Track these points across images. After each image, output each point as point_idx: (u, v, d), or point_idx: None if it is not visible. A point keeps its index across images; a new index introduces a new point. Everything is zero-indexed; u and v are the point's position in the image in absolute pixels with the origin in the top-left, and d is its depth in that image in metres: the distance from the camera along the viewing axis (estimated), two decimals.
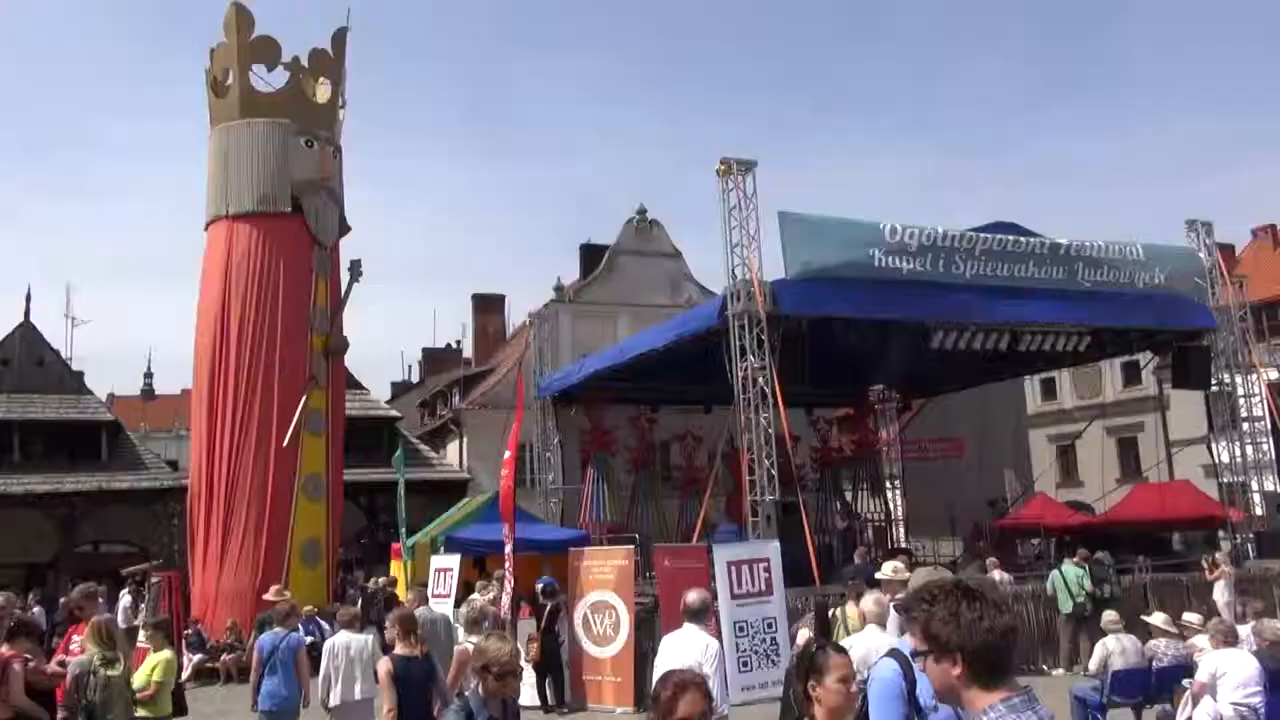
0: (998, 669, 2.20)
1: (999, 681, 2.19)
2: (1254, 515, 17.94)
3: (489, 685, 4.09)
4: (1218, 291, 18.11)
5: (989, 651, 2.18)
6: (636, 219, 31.33)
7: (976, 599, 2.23)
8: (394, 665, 6.20)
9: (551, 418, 22.69)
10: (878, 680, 3.54)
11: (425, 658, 6.41)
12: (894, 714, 3.43)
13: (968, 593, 2.25)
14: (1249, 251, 38.12)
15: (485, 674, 4.09)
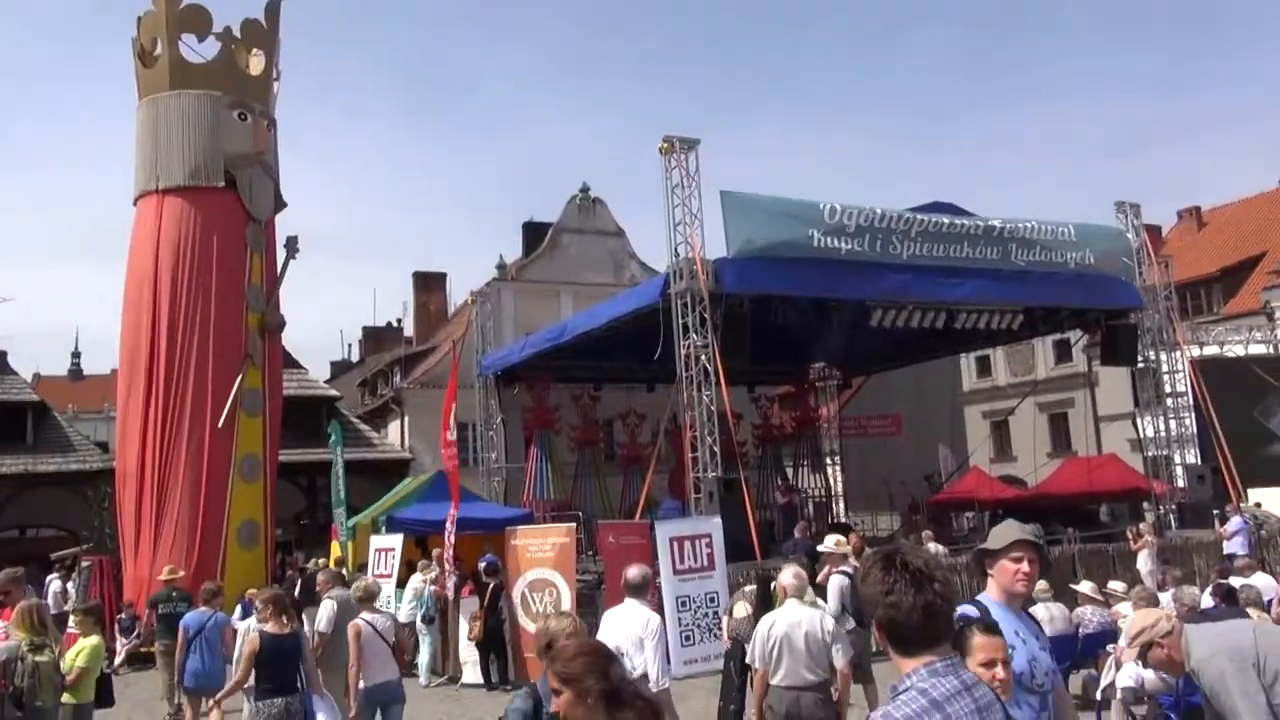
0: (912, 640, 2.25)
1: (918, 650, 2.25)
2: (1176, 487, 18.62)
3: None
4: (1144, 271, 18.68)
5: (896, 625, 2.25)
6: (579, 197, 31.15)
7: (891, 570, 2.27)
8: (260, 642, 6.54)
9: (494, 396, 22.58)
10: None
11: (292, 635, 6.72)
12: None
13: (889, 566, 2.29)
14: (1174, 233, 39.28)
15: (550, 652, 3.61)
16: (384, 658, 7.22)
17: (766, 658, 5.74)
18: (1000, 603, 3.46)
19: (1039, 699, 3.35)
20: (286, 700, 6.47)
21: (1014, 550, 3.43)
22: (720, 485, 14.32)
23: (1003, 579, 3.46)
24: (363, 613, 7.39)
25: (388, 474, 24.89)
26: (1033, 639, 3.46)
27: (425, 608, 13.00)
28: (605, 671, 2.65)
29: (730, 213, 14.63)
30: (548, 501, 20.78)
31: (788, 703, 5.67)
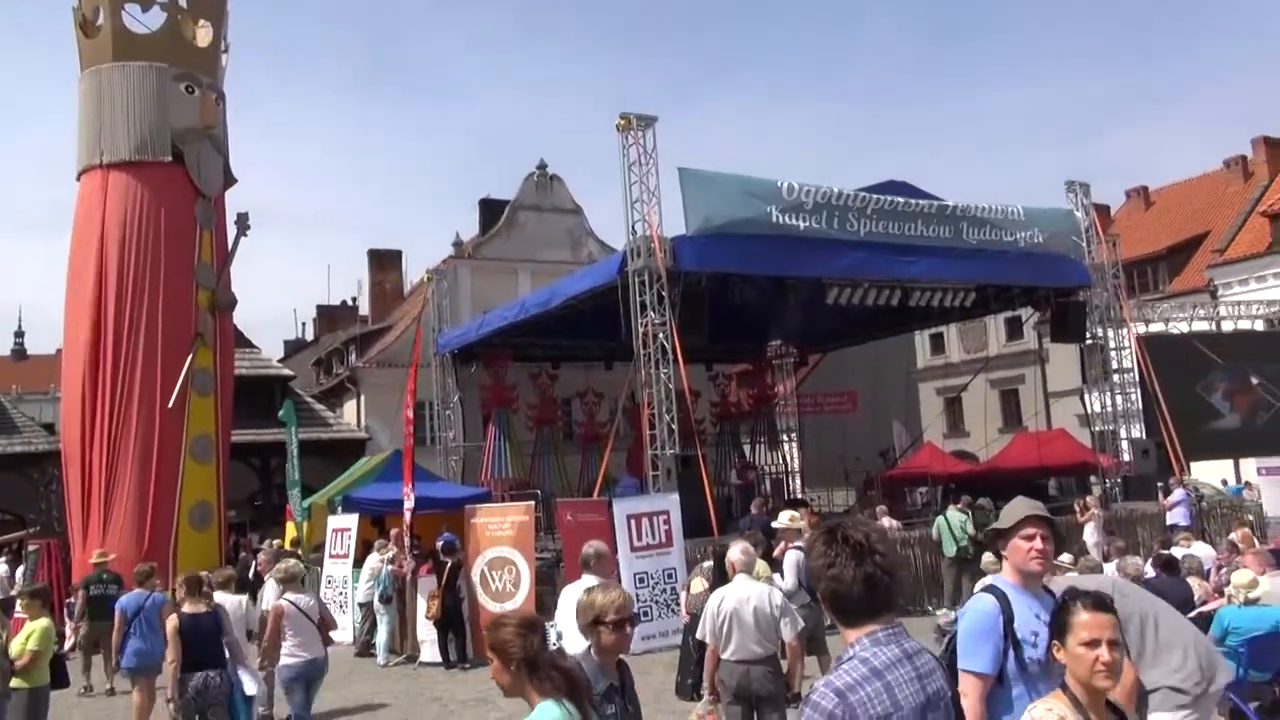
0: (854, 610, 2.32)
1: (860, 620, 2.31)
2: (1122, 461, 19.07)
3: (604, 640, 3.47)
4: (1093, 250, 19.02)
5: (839, 597, 2.31)
6: (536, 174, 30.93)
7: (833, 544, 2.33)
8: (180, 621, 6.91)
9: (451, 375, 22.44)
10: (970, 613, 3.27)
11: (211, 613, 7.16)
12: (985, 650, 3.16)
13: (831, 540, 2.35)
14: (1122, 212, 40.03)
15: (598, 628, 3.49)
16: (309, 635, 7.43)
17: (717, 633, 5.80)
18: (1016, 585, 3.30)
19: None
20: (207, 674, 6.87)
21: (1024, 528, 3.28)
22: (678, 462, 14.39)
23: (1016, 558, 3.31)
24: (286, 593, 7.58)
25: (344, 454, 24.68)
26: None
27: (383, 587, 12.95)
28: (528, 641, 2.92)
29: (688, 190, 14.63)
30: (506, 480, 20.75)
31: (738, 676, 5.75)
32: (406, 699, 10.57)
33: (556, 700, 2.85)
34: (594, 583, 6.21)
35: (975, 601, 3.35)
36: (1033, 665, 3.14)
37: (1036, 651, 3.13)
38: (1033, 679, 3.12)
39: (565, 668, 2.99)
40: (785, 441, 26.62)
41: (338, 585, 15.02)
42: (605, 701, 3.30)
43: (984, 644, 3.17)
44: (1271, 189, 33.11)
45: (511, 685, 2.95)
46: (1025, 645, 3.16)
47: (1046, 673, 3.09)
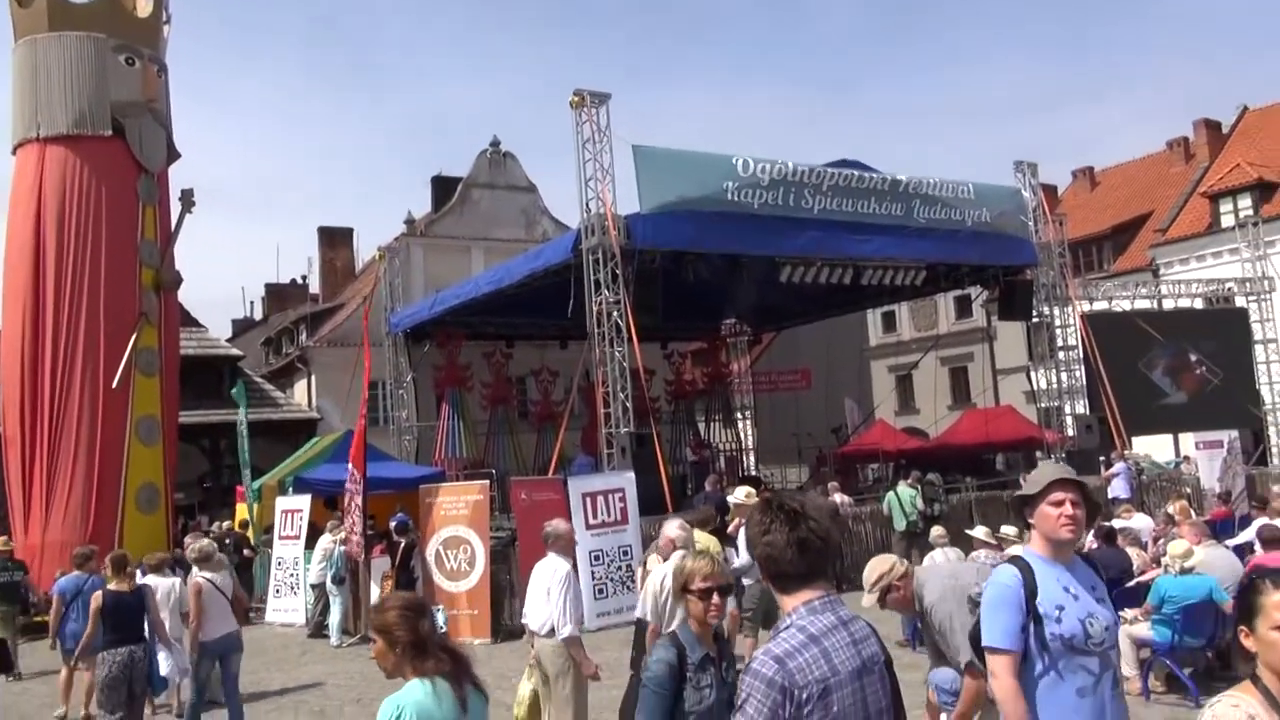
0: (789, 575, 2.36)
1: (798, 586, 2.36)
2: (1066, 436, 19.50)
3: (695, 608, 3.36)
4: (1040, 229, 19.33)
5: (775, 562, 2.35)
6: (490, 151, 30.62)
7: (769, 513, 2.37)
8: (104, 599, 7.17)
9: (404, 354, 22.24)
10: (993, 586, 3.11)
11: (135, 592, 7.39)
12: (1007, 622, 3.00)
13: (767, 508, 2.40)
14: (1069, 192, 40.73)
15: (687, 596, 3.37)
16: (223, 612, 7.75)
17: (660, 610, 5.84)
18: (1044, 555, 3.10)
19: (1098, 660, 2.99)
20: (130, 649, 7.14)
21: (1053, 492, 3.06)
22: (633, 441, 14.44)
23: (1045, 526, 3.09)
24: (202, 571, 7.83)
25: (295, 434, 24.37)
26: (1086, 592, 3.06)
27: (335, 568, 12.85)
28: (414, 625, 2.91)
29: (642, 168, 14.60)
30: (460, 460, 20.67)
31: None
32: (361, 679, 10.52)
33: (427, 679, 2.86)
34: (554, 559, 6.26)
35: (996, 573, 3.18)
36: (1054, 642, 2.96)
37: (1060, 627, 2.96)
38: (1055, 657, 2.95)
39: (452, 649, 3.00)
40: (740, 419, 26.84)
41: (288, 567, 14.88)
42: (699, 671, 3.24)
43: (1003, 618, 3.01)
44: (1211, 170, 33.89)
45: (394, 668, 2.94)
46: (1047, 620, 2.97)
47: (1072, 650, 2.95)
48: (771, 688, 2.15)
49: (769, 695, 2.15)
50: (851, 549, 15.12)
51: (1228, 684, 2.64)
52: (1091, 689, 2.97)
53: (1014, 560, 3.17)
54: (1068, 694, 2.96)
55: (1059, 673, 2.95)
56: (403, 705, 2.81)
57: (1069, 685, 2.96)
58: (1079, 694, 2.96)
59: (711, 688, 3.22)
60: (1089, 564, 3.23)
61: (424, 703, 2.82)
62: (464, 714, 2.87)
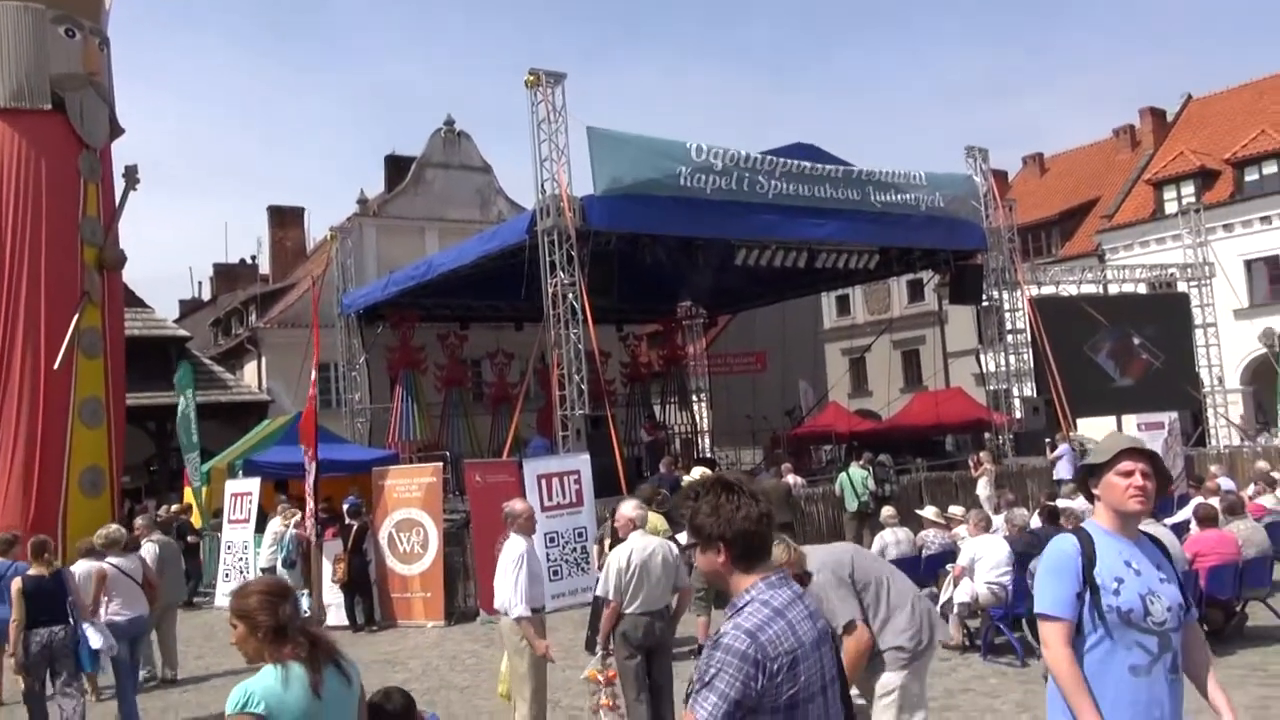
0: (756, 553, 2.40)
1: (757, 564, 2.40)
2: (1014, 418, 19.90)
3: None
4: (990, 214, 19.63)
5: (746, 538, 2.37)
6: (444, 130, 30.26)
7: (734, 491, 2.41)
8: (25, 583, 7.31)
9: (356, 336, 21.99)
10: (1049, 552, 3.01)
11: (54, 576, 7.52)
12: (1060, 589, 2.90)
13: (727, 487, 2.43)
14: (1019, 177, 41.39)
15: None
16: (133, 596, 8.07)
17: (623, 588, 5.89)
18: (1108, 529, 2.98)
19: (1157, 640, 2.86)
20: (50, 630, 7.27)
21: (1121, 462, 2.93)
22: (588, 423, 14.46)
23: (1112, 497, 2.97)
24: (109, 556, 8.07)
25: (244, 416, 24.01)
26: (1151, 569, 2.93)
27: (286, 551, 12.72)
28: (275, 609, 2.91)
29: (598, 150, 14.55)
30: (414, 442, 20.52)
31: (643, 628, 5.87)
32: None
33: (281, 664, 2.87)
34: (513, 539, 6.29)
35: (1056, 541, 3.06)
36: (1111, 614, 2.84)
37: (1118, 599, 2.84)
38: (1110, 629, 2.84)
39: (313, 634, 2.99)
40: (695, 401, 26.97)
41: (238, 551, 14.71)
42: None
43: (1055, 584, 2.92)
44: (1156, 158, 34.64)
45: (254, 653, 2.95)
46: (1104, 591, 2.85)
47: (1128, 624, 2.84)
48: (745, 661, 2.18)
49: (742, 669, 2.17)
50: (804, 529, 15.31)
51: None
52: (1146, 669, 2.84)
53: (1075, 530, 3.05)
54: (1120, 670, 2.85)
55: (1112, 647, 2.85)
56: (251, 691, 2.82)
57: (1122, 661, 2.85)
58: (1132, 672, 2.84)
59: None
60: (1155, 542, 3.07)
61: (273, 688, 2.82)
62: (317, 699, 2.85)
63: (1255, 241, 29.69)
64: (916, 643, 4.52)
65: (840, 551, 4.86)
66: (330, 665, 2.95)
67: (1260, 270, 29.89)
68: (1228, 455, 20.21)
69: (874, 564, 4.88)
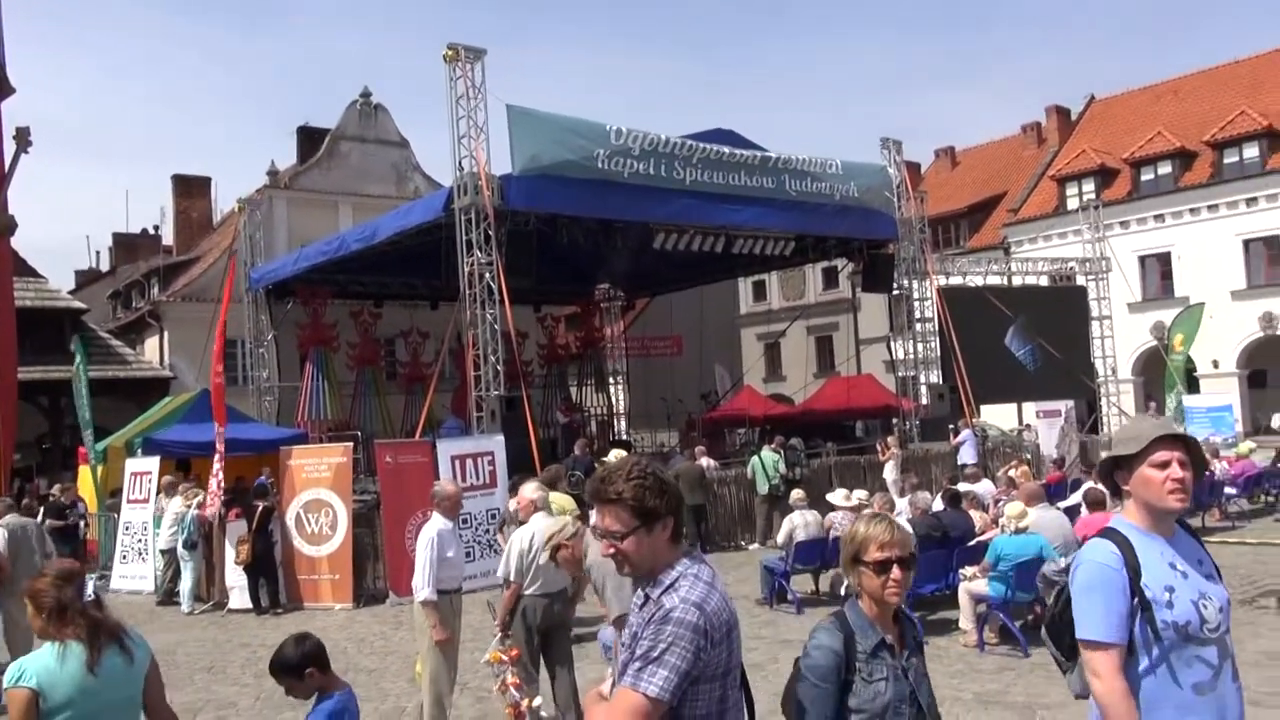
0: (682, 527, 2.46)
1: (679, 539, 2.44)
2: (920, 404, 20.47)
3: (869, 584, 2.69)
4: (903, 205, 20.08)
5: (678, 514, 2.42)
6: (360, 103, 29.55)
7: (666, 476, 2.46)
8: None
9: (265, 311, 21.34)
10: (1087, 566, 2.58)
11: None
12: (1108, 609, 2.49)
13: (654, 466, 2.48)
14: (931, 170, 42.45)
15: (859, 569, 2.71)
16: None
17: (524, 570, 5.90)
18: (1142, 527, 2.62)
19: (1216, 648, 2.52)
20: None
21: (1157, 452, 2.58)
22: (503, 404, 14.36)
23: (1148, 492, 2.59)
24: None
25: (145, 393, 23.18)
26: (1194, 567, 2.58)
27: (187, 532, 12.35)
28: (59, 591, 3.14)
29: (517, 128, 14.39)
30: (324, 422, 20.08)
31: (542, 609, 5.90)
32: (214, 647, 10.20)
33: (60, 642, 3.06)
34: (435, 517, 6.22)
35: (1090, 549, 2.62)
36: (1167, 631, 2.46)
37: (1173, 613, 2.47)
38: (1168, 649, 2.46)
39: (93, 616, 3.15)
40: (612, 384, 27.02)
41: (136, 531, 14.21)
42: (872, 660, 2.63)
43: (1102, 604, 2.50)
44: (1060, 155, 35.92)
45: (40, 631, 3.14)
46: (1157, 605, 2.47)
47: (1187, 639, 2.47)
48: (697, 633, 2.21)
49: (694, 640, 2.20)
50: (716, 511, 15.53)
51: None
52: (1210, 684, 2.48)
53: (1107, 534, 2.63)
54: (1184, 693, 2.47)
55: (1172, 668, 2.46)
56: (25, 666, 3.02)
57: (1185, 682, 2.47)
58: (1196, 690, 2.47)
59: (887, 680, 2.63)
60: (1194, 537, 2.72)
61: (48, 664, 3.01)
62: (92, 675, 3.02)
63: (1149, 238, 31.09)
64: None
65: None
66: (113, 644, 3.12)
67: (1153, 266, 31.34)
68: None
69: None
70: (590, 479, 2.59)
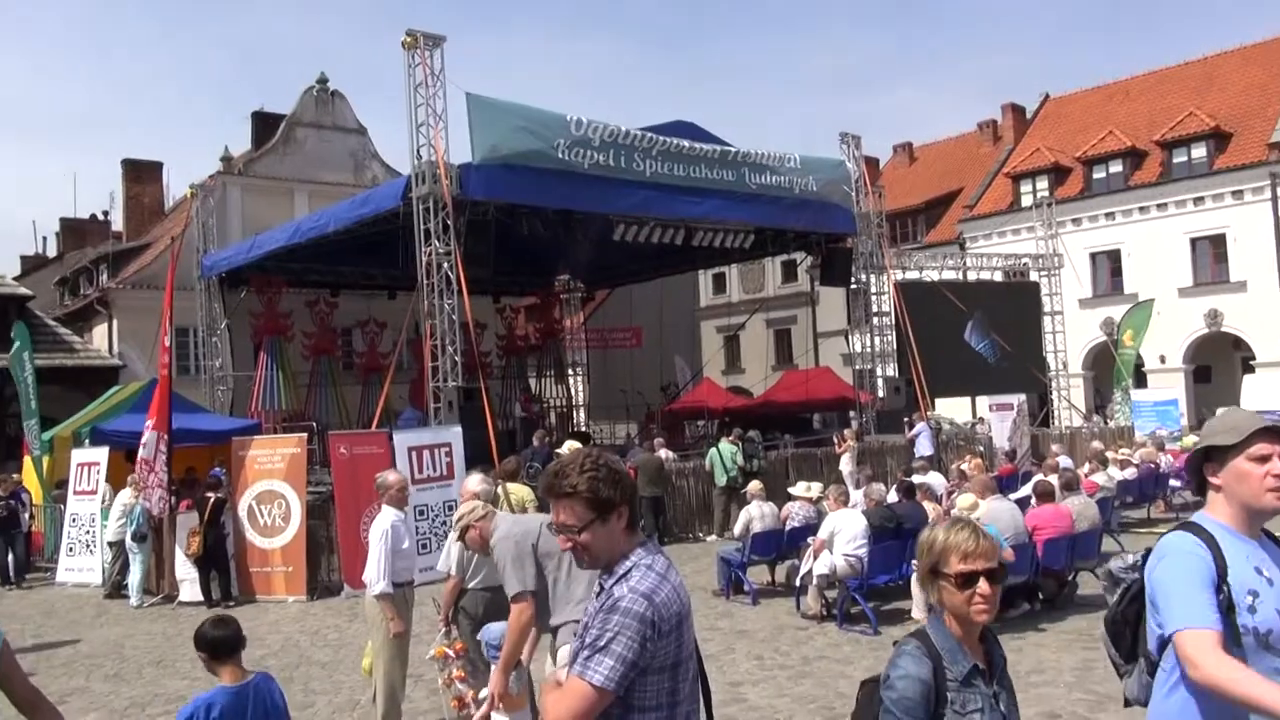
0: (637, 517, 2.46)
1: (636, 528, 2.44)
2: (877, 397, 20.70)
3: (952, 600, 2.34)
4: (861, 200, 20.26)
5: (635, 501, 2.44)
6: (316, 88, 29.09)
7: (613, 460, 2.46)
8: None
9: (218, 300, 20.99)
10: (1174, 555, 2.39)
11: None
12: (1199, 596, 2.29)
13: (607, 457, 2.48)
14: (889, 165, 42.84)
15: (940, 583, 2.36)
16: None
17: (465, 563, 5.86)
18: (1232, 527, 2.41)
19: None
20: None
21: (1256, 444, 2.38)
22: (460, 395, 14.27)
23: (1245, 489, 2.39)
24: None
25: (93, 382, 22.66)
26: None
27: (136, 524, 12.12)
28: None
29: (476, 117, 14.29)
30: (279, 412, 19.83)
31: (484, 603, 5.84)
32: (163, 640, 10.02)
33: None
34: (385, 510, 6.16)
35: (1175, 540, 2.42)
36: (1248, 637, 2.28)
37: (1255, 618, 2.29)
38: (1249, 655, 2.27)
39: None
40: (571, 375, 26.98)
41: (84, 523, 13.93)
42: (964, 689, 2.30)
43: (1191, 592, 2.30)
44: (1015, 153, 36.42)
45: None
46: (1240, 610, 2.29)
47: (1267, 648, 2.29)
48: (644, 624, 2.21)
49: (641, 631, 2.20)
50: (674, 503, 15.58)
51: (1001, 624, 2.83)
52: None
53: (1189, 528, 2.45)
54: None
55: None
56: None
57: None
58: None
59: (982, 712, 2.31)
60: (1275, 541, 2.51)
61: None
62: None
63: (1100, 236, 31.66)
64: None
65: (532, 521, 4.85)
66: None
67: (1103, 263, 31.93)
68: (1068, 435, 21.61)
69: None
70: (543, 474, 2.58)
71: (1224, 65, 32.85)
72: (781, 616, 9.53)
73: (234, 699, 3.44)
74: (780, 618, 9.47)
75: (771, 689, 7.10)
